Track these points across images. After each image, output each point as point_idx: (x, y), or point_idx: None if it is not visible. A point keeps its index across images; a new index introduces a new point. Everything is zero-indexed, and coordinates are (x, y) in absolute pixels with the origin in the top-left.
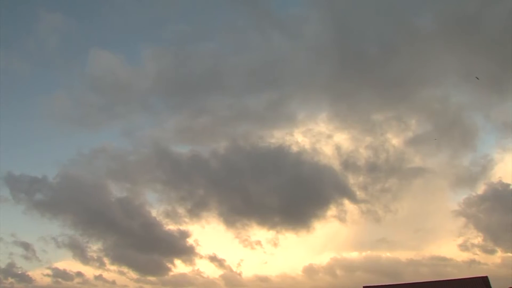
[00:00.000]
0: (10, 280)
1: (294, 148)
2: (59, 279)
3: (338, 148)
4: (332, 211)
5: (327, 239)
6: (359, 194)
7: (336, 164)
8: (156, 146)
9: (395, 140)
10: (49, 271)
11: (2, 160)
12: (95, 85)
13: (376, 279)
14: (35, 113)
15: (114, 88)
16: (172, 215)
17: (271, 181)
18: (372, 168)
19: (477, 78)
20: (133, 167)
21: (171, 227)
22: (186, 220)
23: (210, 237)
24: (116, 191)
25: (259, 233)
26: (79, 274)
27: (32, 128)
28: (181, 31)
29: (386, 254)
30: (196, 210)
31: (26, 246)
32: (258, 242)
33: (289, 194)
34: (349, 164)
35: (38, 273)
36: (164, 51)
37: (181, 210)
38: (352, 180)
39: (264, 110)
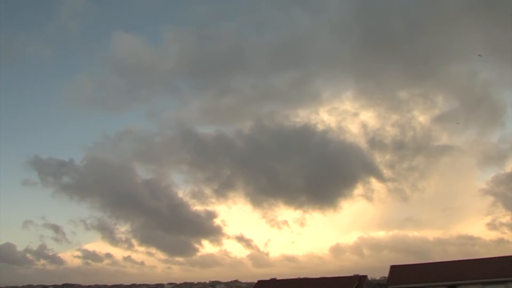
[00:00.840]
0: (42, 261)
1: (320, 127)
2: (89, 261)
3: (364, 126)
4: (359, 190)
5: (354, 218)
6: (386, 172)
7: (362, 142)
8: (181, 127)
9: (421, 118)
10: (79, 253)
11: (29, 145)
12: (118, 68)
13: (403, 258)
14: (59, 97)
15: (137, 70)
16: (198, 196)
17: (297, 161)
18: (399, 146)
19: (480, 56)
20: (158, 148)
21: (198, 207)
22: (213, 200)
23: (237, 217)
24: (142, 172)
25: (285, 213)
26: (108, 255)
27: (57, 112)
28: (202, 11)
29: (413, 233)
30: (223, 190)
31: (56, 228)
32: (285, 222)
33: (315, 173)
34: (375, 142)
35: (68, 255)
36: (186, 32)
37: (207, 191)
38: (379, 159)
39: (288, 89)
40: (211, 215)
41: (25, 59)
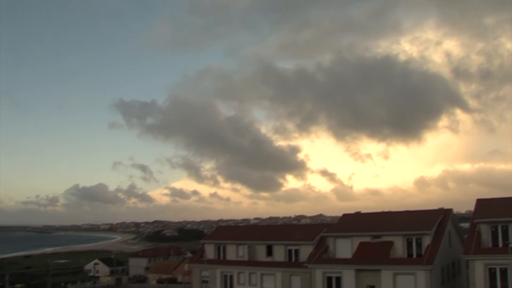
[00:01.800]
0: (133, 200)
1: (402, 57)
2: (177, 198)
3: (448, 55)
4: (443, 121)
5: (439, 151)
6: (472, 103)
7: (446, 72)
8: (260, 63)
9: (509, 45)
10: (167, 191)
11: (112, 88)
12: (194, 8)
13: (490, 192)
14: (139, 40)
15: (213, 8)
16: (281, 131)
17: (379, 92)
18: (485, 75)
19: None
20: (239, 85)
21: (281, 143)
22: (296, 135)
23: (320, 152)
24: (224, 110)
25: (369, 146)
26: (195, 192)
27: (138, 54)
28: None
29: (500, 166)
30: (305, 124)
31: (143, 168)
32: (369, 155)
33: (398, 105)
34: (460, 71)
35: (157, 193)
36: None
37: (290, 126)
38: (464, 89)
39: (368, 19)
40: (295, 150)
41: (103, 6)
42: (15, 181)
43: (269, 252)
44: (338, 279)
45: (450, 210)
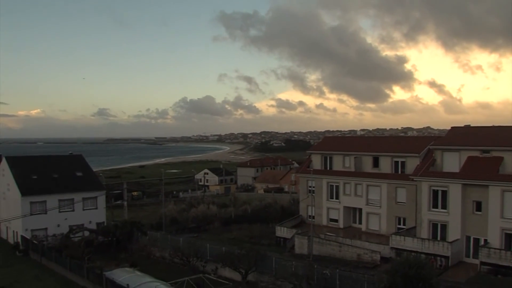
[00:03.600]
0: (240, 111)
1: None
2: (283, 109)
3: None
4: None
5: None
6: None
7: None
8: None
9: None
10: (273, 102)
11: (213, 0)
12: None
13: None
14: None
15: None
16: (387, 41)
17: None
18: None
19: None
20: None
21: (387, 53)
22: (402, 45)
23: (428, 62)
24: (328, 20)
25: (480, 56)
26: (301, 103)
27: None
28: None
29: None
30: (412, 34)
31: (249, 80)
32: (479, 67)
33: None
34: None
35: (263, 104)
36: None
37: (396, 35)
38: None
39: None
40: (401, 60)
41: None
42: (126, 97)
43: (376, 163)
44: (444, 193)
45: None
